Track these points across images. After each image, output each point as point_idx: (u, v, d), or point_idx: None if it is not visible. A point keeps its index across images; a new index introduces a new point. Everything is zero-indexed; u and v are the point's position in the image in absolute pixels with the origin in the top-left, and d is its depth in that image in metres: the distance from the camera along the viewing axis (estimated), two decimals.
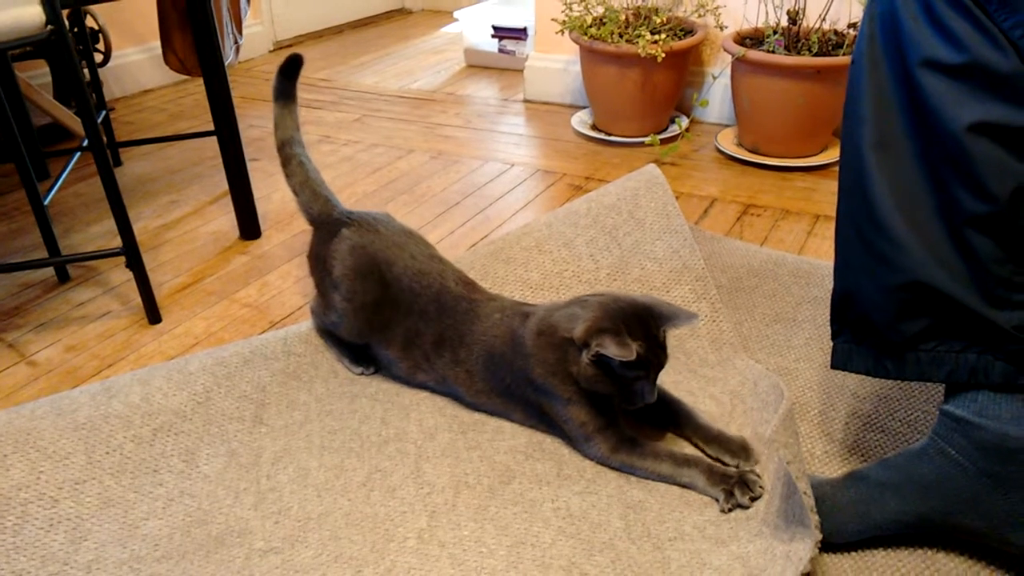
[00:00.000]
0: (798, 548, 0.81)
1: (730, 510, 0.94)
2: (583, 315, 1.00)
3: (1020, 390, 0.79)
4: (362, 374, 1.22)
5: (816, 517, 0.84)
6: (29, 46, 1.39)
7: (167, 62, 1.82)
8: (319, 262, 1.21)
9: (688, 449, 1.04)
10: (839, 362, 0.91)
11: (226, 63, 1.63)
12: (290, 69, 1.31)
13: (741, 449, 1.01)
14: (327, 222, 1.23)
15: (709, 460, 0.99)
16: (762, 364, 1.21)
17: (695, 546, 0.90)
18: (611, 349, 0.93)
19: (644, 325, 0.98)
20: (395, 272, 1.16)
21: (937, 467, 0.83)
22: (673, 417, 1.07)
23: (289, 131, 1.29)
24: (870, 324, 0.86)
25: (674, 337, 1.26)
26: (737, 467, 0.99)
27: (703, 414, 1.07)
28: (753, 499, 0.94)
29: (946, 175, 0.77)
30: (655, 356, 0.98)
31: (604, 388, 0.99)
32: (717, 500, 0.95)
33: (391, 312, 1.16)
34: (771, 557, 0.84)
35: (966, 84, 0.75)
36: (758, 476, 0.96)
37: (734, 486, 0.94)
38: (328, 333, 1.25)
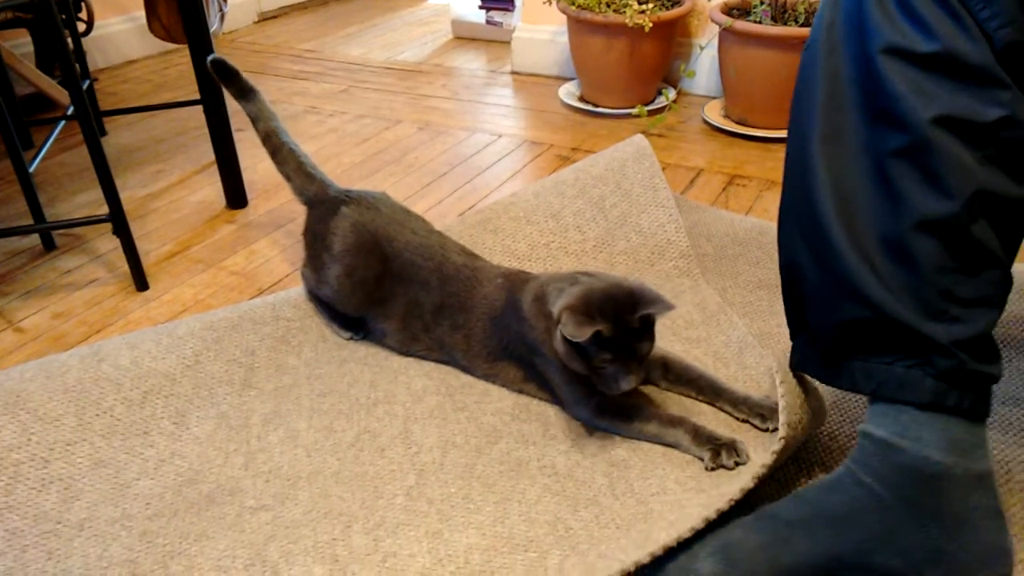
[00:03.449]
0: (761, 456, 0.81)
1: (713, 469, 0.96)
2: (567, 292, 1.00)
3: (947, 411, 0.74)
4: (351, 339, 1.23)
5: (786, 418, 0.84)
6: (10, 10, 1.38)
7: (152, 29, 1.80)
8: (317, 239, 1.22)
9: (691, 411, 1.06)
10: (797, 363, 0.88)
11: (211, 31, 1.62)
12: (223, 72, 1.34)
13: (772, 412, 1.00)
14: (324, 200, 1.24)
15: (694, 421, 1.01)
16: (745, 328, 1.23)
17: (677, 498, 0.92)
18: (567, 328, 0.92)
19: (619, 310, 0.95)
20: (396, 247, 1.17)
21: (851, 498, 0.76)
22: (689, 383, 1.08)
23: (269, 122, 1.32)
24: (815, 328, 0.82)
25: None
26: (768, 430, 1.00)
27: (723, 378, 1.08)
28: (738, 464, 0.95)
29: (899, 172, 0.73)
30: (625, 342, 0.95)
31: (577, 367, 0.98)
32: (702, 459, 0.97)
33: (391, 286, 1.17)
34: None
35: (934, 75, 0.71)
36: (746, 447, 0.97)
37: (721, 448, 0.96)
38: (318, 298, 1.26)
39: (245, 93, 1.34)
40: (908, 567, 0.74)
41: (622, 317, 0.95)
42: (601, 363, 0.95)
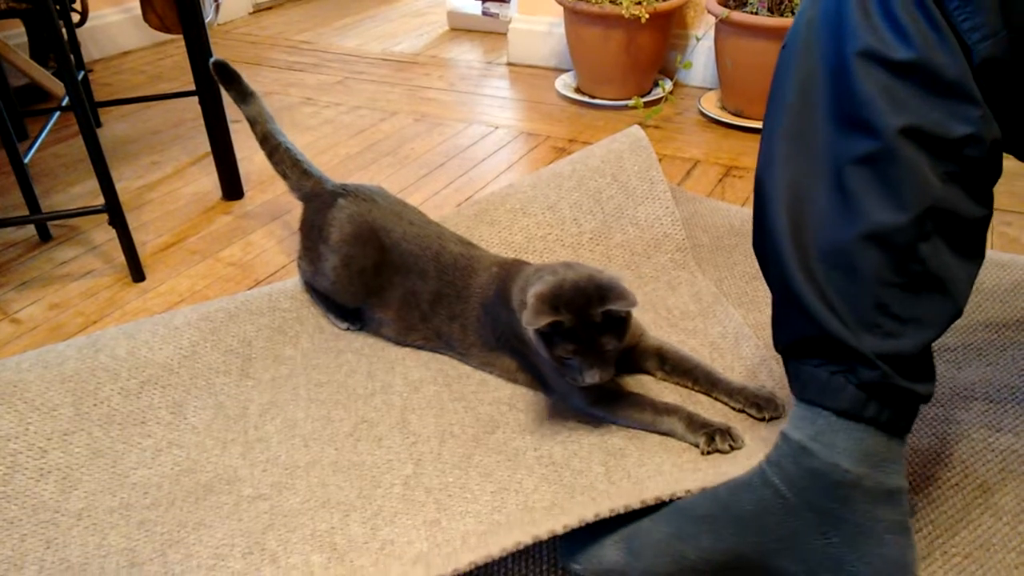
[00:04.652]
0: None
1: (709, 453, 0.96)
2: (543, 280, 1.00)
3: (865, 422, 0.74)
4: (348, 329, 1.23)
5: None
6: (4, 0, 1.38)
7: (147, 20, 1.80)
8: (314, 231, 1.22)
9: (687, 401, 1.07)
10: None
11: (206, 21, 1.62)
12: (225, 75, 1.36)
13: (768, 402, 1.01)
14: (320, 194, 1.25)
15: (688, 409, 1.01)
16: (741, 319, 1.23)
17: (672, 477, 0.92)
18: (526, 315, 0.94)
19: (586, 303, 0.95)
20: (394, 237, 1.17)
21: (759, 498, 0.76)
22: (685, 373, 1.08)
23: (266, 124, 1.34)
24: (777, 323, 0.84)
25: (656, 295, 1.29)
26: (764, 419, 1.01)
27: (719, 368, 1.09)
28: (733, 447, 0.96)
29: (857, 179, 0.72)
30: (589, 335, 0.95)
31: (544, 354, 0.98)
32: (697, 445, 0.97)
33: (388, 276, 1.18)
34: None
35: (906, 83, 0.69)
36: (741, 432, 0.98)
37: (716, 433, 0.96)
38: (315, 289, 1.26)
39: (245, 97, 1.35)
40: (807, 573, 0.74)
41: (586, 310, 0.94)
42: (564, 354, 0.95)
